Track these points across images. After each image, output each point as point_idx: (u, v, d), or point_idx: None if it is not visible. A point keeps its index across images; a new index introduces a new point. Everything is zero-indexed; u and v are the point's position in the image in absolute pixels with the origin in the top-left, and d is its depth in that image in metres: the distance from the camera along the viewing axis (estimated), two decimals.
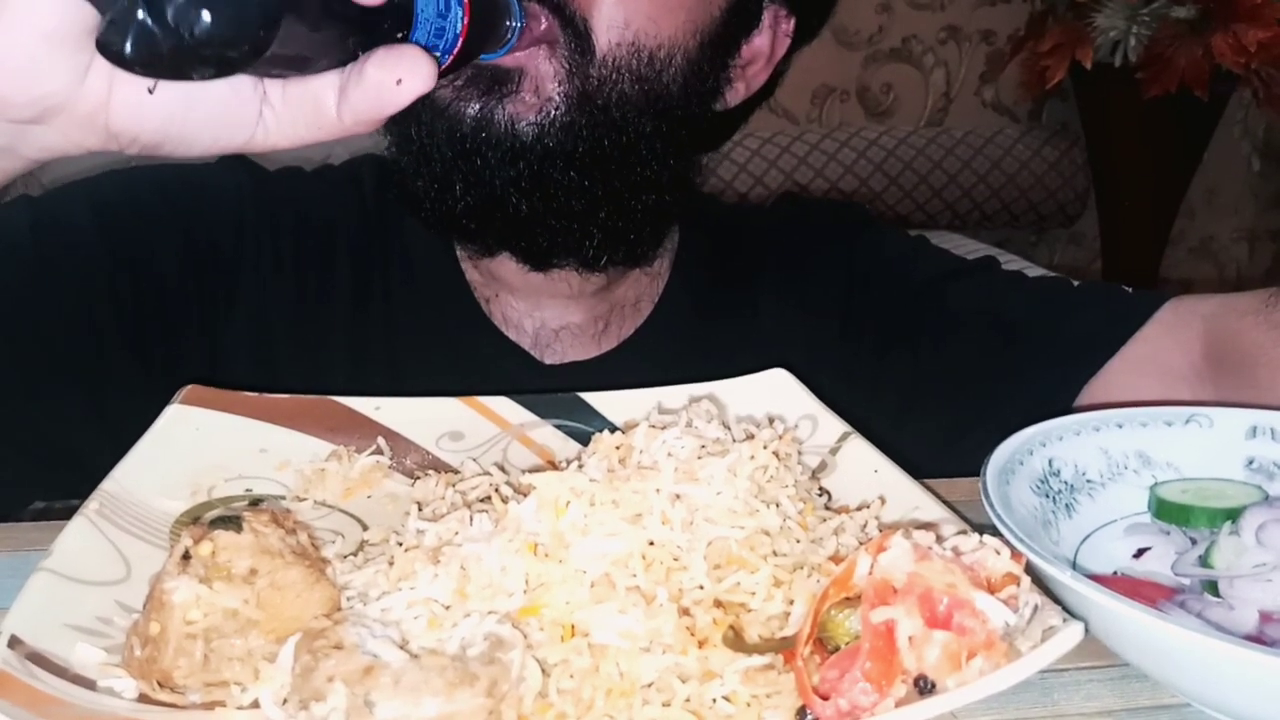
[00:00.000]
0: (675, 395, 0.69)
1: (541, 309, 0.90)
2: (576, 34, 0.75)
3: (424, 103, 0.75)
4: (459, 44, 0.58)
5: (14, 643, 0.42)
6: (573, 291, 0.88)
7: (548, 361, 0.90)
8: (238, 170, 0.90)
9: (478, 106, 0.75)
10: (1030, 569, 0.45)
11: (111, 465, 0.58)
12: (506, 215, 0.79)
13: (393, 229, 0.91)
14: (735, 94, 0.88)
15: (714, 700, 0.43)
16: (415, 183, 0.81)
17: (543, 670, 0.44)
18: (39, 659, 0.43)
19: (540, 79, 0.75)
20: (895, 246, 1.00)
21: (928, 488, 0.57)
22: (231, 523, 0.46)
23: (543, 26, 0.74)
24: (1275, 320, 0.71)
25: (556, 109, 0.76)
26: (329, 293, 0.89)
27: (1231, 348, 0.75)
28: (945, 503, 0.55)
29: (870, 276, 0.95)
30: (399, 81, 0.52)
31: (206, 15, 0.44)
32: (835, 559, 0.50)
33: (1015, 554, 0.45)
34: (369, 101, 0.52)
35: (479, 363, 0.89)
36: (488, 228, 0.82)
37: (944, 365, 0.90)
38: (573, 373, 0.89)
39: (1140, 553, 0.57)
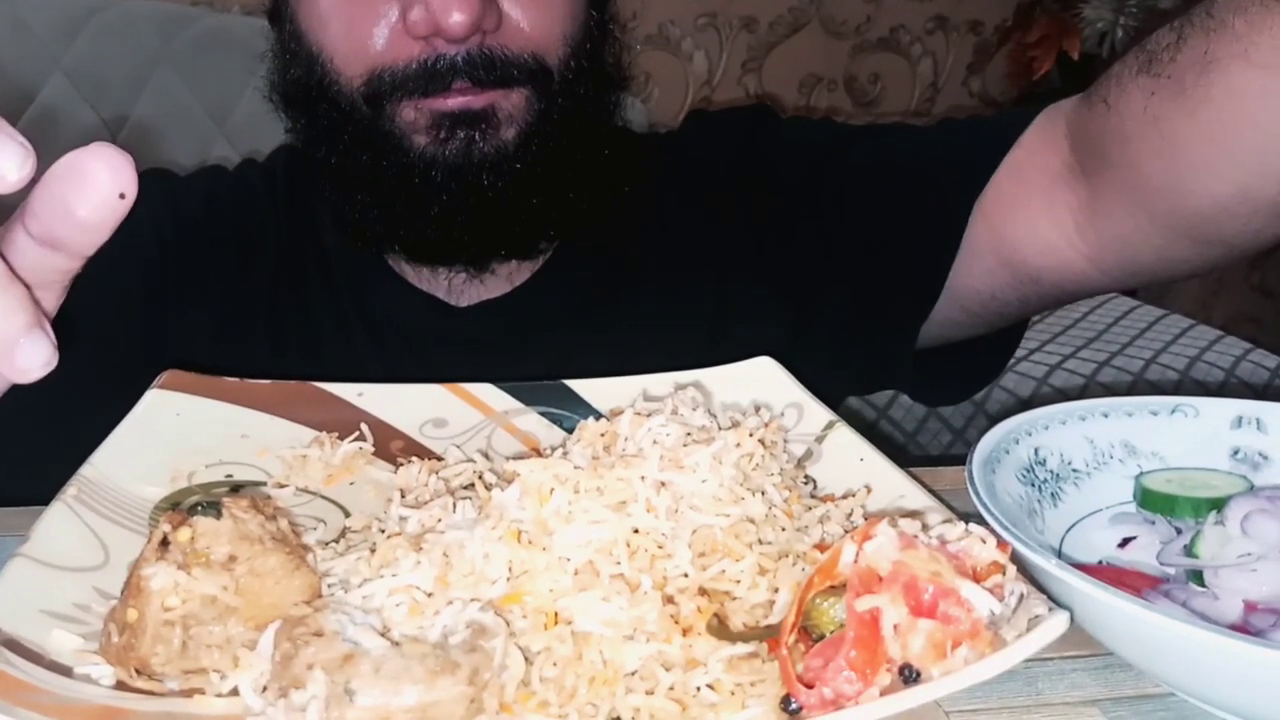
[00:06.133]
0: (660, 383, 0.68)
1: None
2: (533, 74, 0.81)
3: (412, 162, 0.80)
4: None
5: None
6: None
7: (462, 304, 0.91)
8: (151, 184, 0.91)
9: (467, 147, 0.79)
10: (1016, 558, 0.45)
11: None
12: (510, 231, 0.84)
13: (305, 212, 0.94)
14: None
15: (698, 688, 0.43)
16: (400, 228, 0.85)
17: (525, 658, 0.43)
18: (14, 645, 0.42)
19: (512, 111, 0.80)
20: (794, 131, 1.00)
21: (913, 476, 0.57)
22: (211, 509, 0.45)
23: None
24: (1114, 102, 0.72)
25: (534, 128, 0.81)
26: (249, 281, 0.91)
27: (1088, 133, 0.77)
28: (931, 491, 0.55)
29: (773, 165, 0.96)
30: (121, 195, 0.43)
31: None
32: (820, 547, 0.50)
33: (1001, 543, 0.45)
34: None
35: (392, 316, 0.91)
36: (488, 248, 0.86)
37: (848, 227, 0.91)
38: (486, 311, 0.90)
39: (1125, 542, 0.57)
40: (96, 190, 0.42)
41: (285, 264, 0.92)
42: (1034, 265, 0.82)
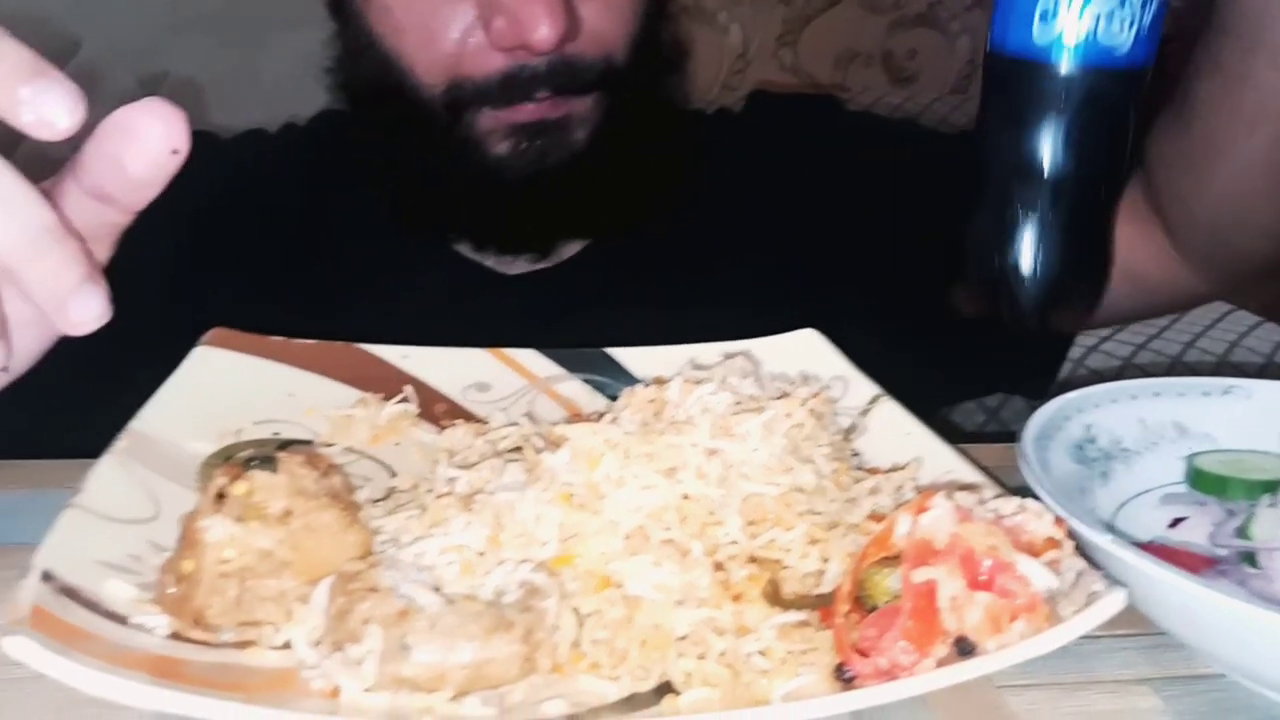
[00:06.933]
0: (708, 352, 0.68)
1: None
2: (605, 76, 0.81)
3: (487, 165, 0.81)
4: None
5: (47, 577, 0.42)
6: None
7: (511, 273, 0.90)
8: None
9: (541, 154, 0.80)
10: (1070, 534, 0.45)
11: None
12: (579, 222, 0.86)
13: (348, 181, 0.93)
14: None
15: (749, 655, 0.43)
16: (467, 223, 0.87)
17: (576, 620, 0.43)
18: (71, 592, 0.42)
19: (584, 113, 0.81)
20: (868, 127, 0.99)
21: (961, 451, 0.57)
22: (267, 463, 0.45)
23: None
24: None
25: (605, 126, 0.82)
26: (291, 248, 0.91)
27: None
28: (980, 467, 0.55)
29: (844, 162, 0.94)
30: (174, 151, 0.43)
31: None
32: (874, 518, 0.49)
33: (1057, 518, 0.45)
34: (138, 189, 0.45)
35: (437, 285, 0.90)
36: (555, 238, 0.87)
37: (920, 234, 0.88)
38: (533, 282, 0.90)
39: (1176, 522, 0.56)
40: (148, 147, 0.43)
41: (327, 232, 0.92)
42: (1141, 273, 0.83)
